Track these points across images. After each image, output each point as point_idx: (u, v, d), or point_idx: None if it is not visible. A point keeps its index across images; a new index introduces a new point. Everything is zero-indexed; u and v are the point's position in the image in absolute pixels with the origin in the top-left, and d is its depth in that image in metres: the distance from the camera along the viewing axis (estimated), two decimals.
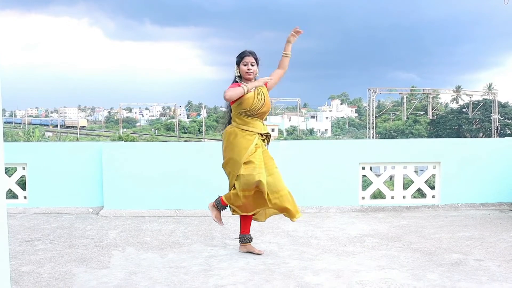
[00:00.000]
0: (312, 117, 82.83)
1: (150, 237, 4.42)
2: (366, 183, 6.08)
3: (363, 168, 5.73)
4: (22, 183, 5.94)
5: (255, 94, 3.71)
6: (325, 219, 5.12)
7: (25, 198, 5.80)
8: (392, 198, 5.79)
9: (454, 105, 63.67)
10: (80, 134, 63.47)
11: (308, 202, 5.55)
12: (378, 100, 60.33)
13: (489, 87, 61.27)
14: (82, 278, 3.26)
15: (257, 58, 3.80)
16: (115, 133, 64.13)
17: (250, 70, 3.74)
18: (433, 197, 5.78)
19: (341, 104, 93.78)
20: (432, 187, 5.85)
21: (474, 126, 57.75)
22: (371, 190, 5.78)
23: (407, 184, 5.90)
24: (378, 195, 6.25)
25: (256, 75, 3.82)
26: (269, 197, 3.62)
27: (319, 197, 5.60)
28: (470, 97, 51.38)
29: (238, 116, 3.75)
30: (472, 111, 53.21)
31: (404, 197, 5.79)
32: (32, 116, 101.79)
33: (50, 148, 6.16)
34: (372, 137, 40.38)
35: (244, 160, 3.64)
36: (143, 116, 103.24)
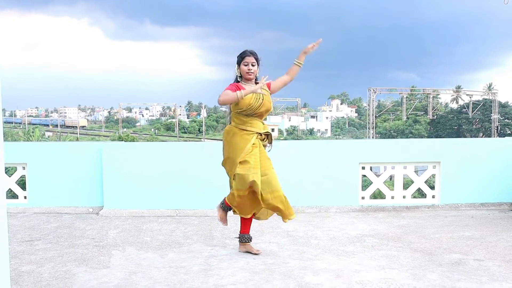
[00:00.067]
0: (312, 117, 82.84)
1: (150, 237, 4.42)
2: (366, 183, 6.08)
3: (363, 168, 5.73)
4: (22, 183, 5.94)
5: (253, 95, 3.68)
6: (325, 219, 5.12)
7: (25, 198, 5.81)
8: (392, 198, 5.79)
9: (454, 105, 63.69)
10: (80, 134, 63.47)
11: (308, 202, 5.55)
12: (378, 100, 60.35)
13: (489, 87, 61.24)
14: (82, 278, 3.26)
15: (258, 58, 3.78)
16: (115, 133, 64.12)
17: (251, 70, 3.73)
18: (433, 197, 5.78)
19: (341, 104, 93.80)
20: (432, 187, 5.85)
21: (474, 126, 57.76)
22: (371, 190, 5.78)
23: (407, 184, 5.90)
24: (378, 195, 6.25)
25: (257, 75, 3.81)
26: (263, 197, 3.61)
27: (319, 197, 5.60)
28: (470, 97, 51.38)
29: (236, 116, 3.74)
30: (472, 111, 53.21)
31: (404, 197, 5.79)
32: (32, 116, 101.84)
33: (50, 148, 6.16)
34: (372, 137, 40.37)
35: (240, 160, 3.63)
36: (143, 116, 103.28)
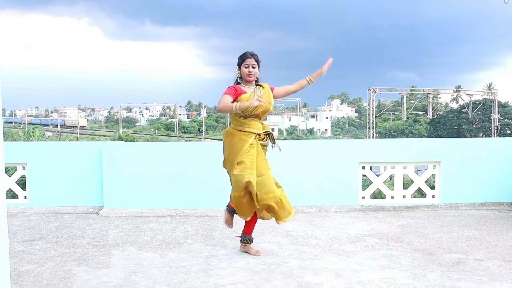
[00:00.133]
0: (312, 117, 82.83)
1: (150, 237, 4.42)
2: (366, 183, 6.08)
3: (363, 168, 5.73)
4: (22, 183, 5.94)
5: (250, 96, 3.66)
6: (325, 219, 5.12)
7: (25, 198, 5.81)
8: (392, 198, 5.79)
9: (454, 105, 63.69)
10: (80, 134, 63.47)
11: (308, 202, 5.56)
12: (378, 100, 60.32)
13: (489, 87, 61.26)
14: (82, 278, 3.26)
15: (259, 60, 3.76)
16: (115, 133, 64.12)
17: (251, 73, 3.72)
18: (433, 197, 5.79)
19: (341, 104, 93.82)
20: (432, 187, 5.85)
21: (474, 126, 57.76)
22: (371, 190, 5.78)
23: (407, 184, 5.90)
24: (378, 195, 6.25)
25: (257, 77, 3.81)
26: (257, 198, 3.58)
27: (319, 197, 5.61)
28: (470, 97, 51.32)
29: (234, 117, 3.74)
30: (472, 111, 53.18)
31: (404, 197, 5.79)
32: (32, 116, 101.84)
33: (50, 148, 6.15)
34: (372, 137, 40.36)
35: (237, 161, 3.63)
36: (143, 116, 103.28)
